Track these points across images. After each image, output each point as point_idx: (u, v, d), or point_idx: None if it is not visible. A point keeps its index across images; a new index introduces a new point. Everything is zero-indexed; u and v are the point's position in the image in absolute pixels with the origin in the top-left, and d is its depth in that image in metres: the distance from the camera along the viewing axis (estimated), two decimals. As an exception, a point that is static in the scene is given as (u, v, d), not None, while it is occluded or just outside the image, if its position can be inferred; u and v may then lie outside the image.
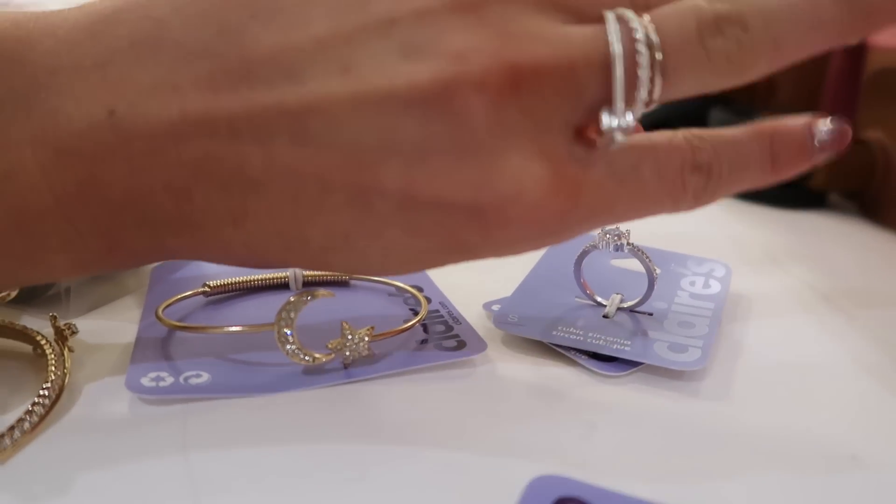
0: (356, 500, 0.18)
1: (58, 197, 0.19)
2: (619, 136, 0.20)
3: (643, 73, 0.19)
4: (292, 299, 0.22)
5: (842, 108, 0.45)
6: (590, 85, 0.19)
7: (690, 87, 0.20)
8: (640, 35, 0.19)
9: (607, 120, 0.19)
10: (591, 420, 0.21)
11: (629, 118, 0.19)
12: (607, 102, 0.19)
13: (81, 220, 0.19)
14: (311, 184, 0.19)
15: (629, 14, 0.19)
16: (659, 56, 0.19)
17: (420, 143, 0.18)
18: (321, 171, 0.19)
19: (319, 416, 0.21)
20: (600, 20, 0.20)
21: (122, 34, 0.19)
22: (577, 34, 0.19)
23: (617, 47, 0.19)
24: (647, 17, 0.19)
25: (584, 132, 0.20)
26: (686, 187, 0.21)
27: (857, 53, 0.43)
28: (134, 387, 0.21)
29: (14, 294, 0.24)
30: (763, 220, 0.40)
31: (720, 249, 0.34)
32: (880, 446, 0.21)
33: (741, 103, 0.47)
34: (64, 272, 0.20)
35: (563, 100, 0.19)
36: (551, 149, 0.19)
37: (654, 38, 0.19)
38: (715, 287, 0.29)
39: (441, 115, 0.18)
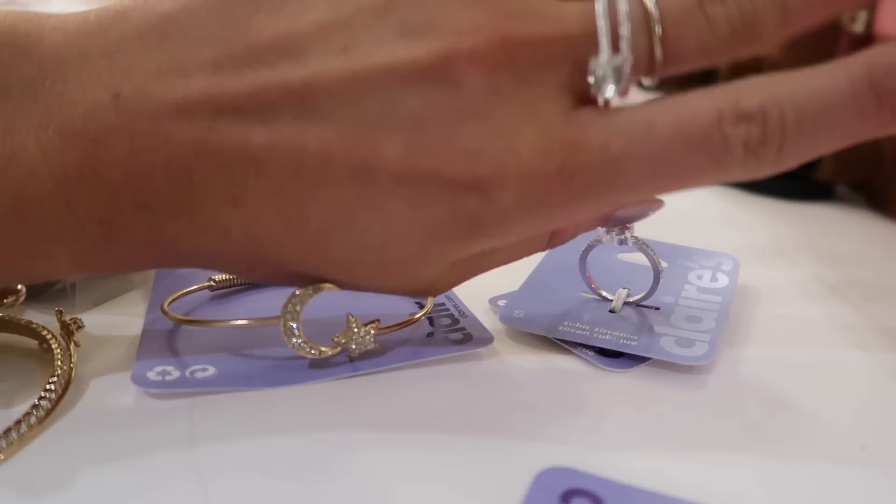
0: (364, 492, 0.18)
1: (58, 180, 0.19)
2: (609, 89, 0.19)
3: (625, 29, 0.19)
4: (298, 293, 0.22)
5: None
6: (585, 55, 0.19)
7: (695, 56, 0.20)
8: (624, 15, 0.19)
9: (593, 64, 0.19)
10: (599, 413, 0.21)
11: (617, 61, 0.19)
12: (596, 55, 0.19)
13: (80, 205, 0.19)
14: (313, 158, 0.19)
15: None
16: (658, 30, 0.19)
17: (418, 114, 0.19)
18: (323, 145, 0.19)
19: (325, 409, 0.21)
20: None
21: (129, 27, 0.20)
22: (572, 8, 0.20)
23: (602, 7, 0.19)
24: None
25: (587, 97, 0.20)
26: (729, 144, 0.19)
27: (863, 44, 0.43)
28: (140, 381, 0.21)
29: (23, 297, 0.24)
30: (770, 212, 0.40)
31: (727, 242, 0.34)
32: (889, 437, 0.21)
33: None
34: (63, 267, 0.20)
35: (559, 69, 0.19)
36: (547, 113, 0.19)
37: (653, 9, 0.19)
38: (723, 281, 0.28)
39: (438, 85, 0.19)
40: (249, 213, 0.20)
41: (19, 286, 0.24)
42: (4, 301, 0.23)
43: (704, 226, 0.37)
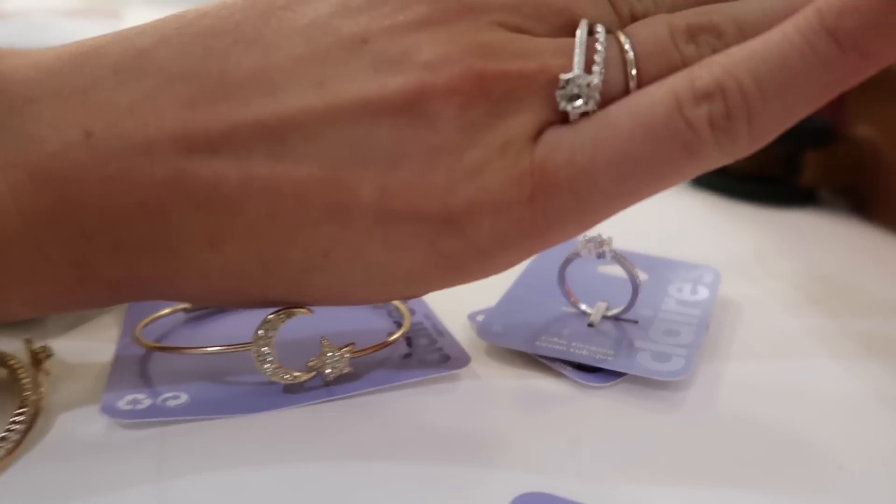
0: (334, 524, 0.18)
1: (28, 222, 0.18)
2: (576, 104, 0.19)
3: (599, 58, 0.19)
4: (270, 318, 0.22)
5: (832, 104, 0.44)
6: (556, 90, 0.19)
7: None
8: (601, 43, 0.19)
9: (563, 79, 0.19)
10: (576, 434, 0.21)
11: (588, 80, 0.19)
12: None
13: (52, 247, 0.19)
14: (289, 200, 0.19)
15: (599, 27, 0.20)
16: (634, 72, 0.19)
17: (392, 152, 0.19)
18: (298, 186, 0.19)
19: (298, 437, 0.20)
20: (571, 34, 0.20)
21: (105, 63, 0.19)
22: (548, 45, 0.20)
23: (580, 55, 0.19)
24: (622, 35, 0.20)
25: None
26: (694, 126, 0.18)
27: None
28: (110, 411, 0.21)
29: None
30: (752, 220, 0.39)
31: (708, 251, 0.34)
32: (868, 456, 0.20)
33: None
34: (34, 308, 0.20)
35: (533, 103, 0.19)
36: (517, 144, 0.19)
37: (630, 52, 0.19)
38: (703, 293, 0.28)
39: (412, 121, 0.19)
40: (227, 256, 0.19)
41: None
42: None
43: (685, 235, 0.37)
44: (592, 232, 0.26)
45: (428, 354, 0.24)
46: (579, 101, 0.19)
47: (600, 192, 0.19)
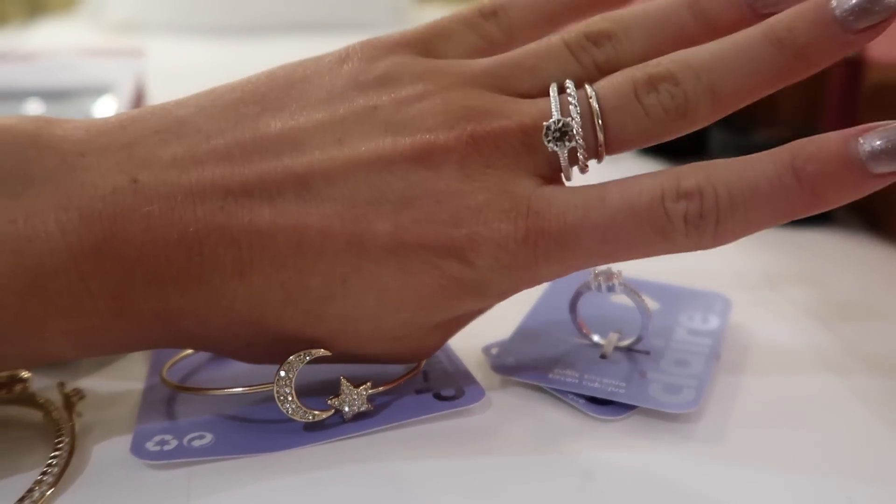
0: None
1: (74, 255, 0.20)
2: (563, 145, 0.22)
3: (574, 121, 0.22)
4: (290, 359, 0.22)
5: (843, 121, 0.45)
6: (539, 142, 0.23)
7: (637, 139, 0.23)
8: (573, 98, 0.22)
9: (546, 125, 0.22)
10: (588, 469, 0.22)
11: (566, 121, 0.22)
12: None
13: (94, 279, 0.20)
14: (314, 232, 0.21)
15: (569, 83, 0.23)
16: (599, 122, 0.22)
17: (404, 194, 0.22)
18: (322, 220, 0.22)
19: (320, 471, 0.21)
20: (544, 88, 0.23)
21: (147, 126, 0.22)
22: (527, 105, 0.23)
23: (556, 107, 0.23)
24: (588, 89, 0.23)
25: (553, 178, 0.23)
26: (671, 217, 0.22)
27: (855, 66, 0.43)
28: (139, 452, 0.22)
29: (31, 385, 0.24)
30: (763, 241, 0.39)
31: (718, 276, 0.34)
32: (877, 488, 0.21)
33: (742, 120, 0.47)
34: (70, 345, 0.21)
35: (519, 155, 0.23)
36: (514, 190, 0.22)
37: (595, 105, 0.22)
38: (713, 322, 0.29)
39: (420, 170, 0.22)
40: (253, 285, 0.22)
41: (25, 374, 0.24)
42: (14, 388, 0.24)
43: (697, 257, 0.37)
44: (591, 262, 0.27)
45: (444, 389, 0.25)
46: (565, 140, 0.22)
47: (583, 248, 0.22)
